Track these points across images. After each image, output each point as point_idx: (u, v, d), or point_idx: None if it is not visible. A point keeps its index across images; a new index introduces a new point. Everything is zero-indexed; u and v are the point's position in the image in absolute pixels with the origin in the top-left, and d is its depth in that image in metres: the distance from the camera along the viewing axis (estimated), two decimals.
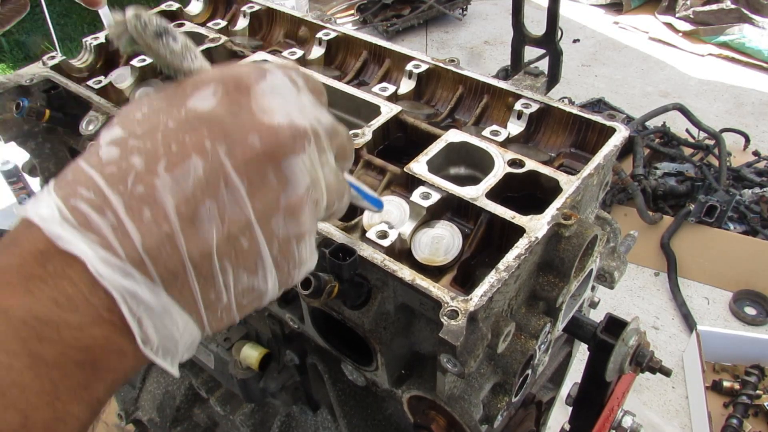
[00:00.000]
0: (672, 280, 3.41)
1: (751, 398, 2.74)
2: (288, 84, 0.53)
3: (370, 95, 1.04)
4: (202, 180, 0.45)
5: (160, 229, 0.44)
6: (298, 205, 0.50)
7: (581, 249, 0.78)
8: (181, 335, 0.47)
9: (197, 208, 0.45)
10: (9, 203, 4.16)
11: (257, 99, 0.49)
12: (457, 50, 5.72)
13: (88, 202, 0.43)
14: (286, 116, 0.50)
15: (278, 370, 1.14)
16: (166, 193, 0.44)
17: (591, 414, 1.16)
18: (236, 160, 0.47)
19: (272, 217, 0.49)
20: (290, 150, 0.49)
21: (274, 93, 0.51)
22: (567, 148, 1.01)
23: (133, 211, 0.44)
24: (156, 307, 0.45)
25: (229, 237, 0.47)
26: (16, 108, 1.05)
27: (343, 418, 1.08)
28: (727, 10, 5.32)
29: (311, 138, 0.51)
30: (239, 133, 0.47)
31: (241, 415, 1.35)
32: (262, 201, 0.48)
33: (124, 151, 0.45)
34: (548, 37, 1.29)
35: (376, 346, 0.80)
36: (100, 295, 0.43)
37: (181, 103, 0.48)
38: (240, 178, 0.47)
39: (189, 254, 0.45)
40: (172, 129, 0.46)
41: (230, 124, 0.47)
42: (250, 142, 0.47)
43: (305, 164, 0.50)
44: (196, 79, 0.50)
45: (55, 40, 4.79)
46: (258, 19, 1.35)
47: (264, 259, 0.49)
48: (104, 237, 0.43)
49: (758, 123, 4.61)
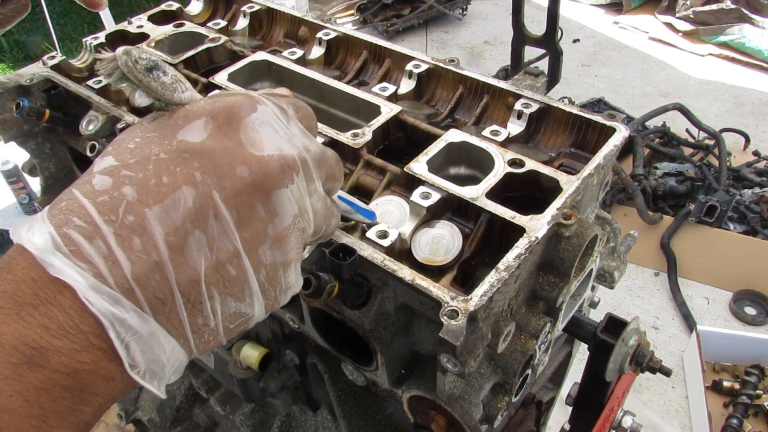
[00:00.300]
0: (672, 280, 3.42)
1: (751, 398, 2.74)
2: (278, 114, 0.54)
3: (370, 95, 1.04)
4: (192, 211, 0.47)
5: (150, 257, 0.45)
6: (285, 235, 0.52)
7: (581, 249, 0.78)
8: (168, 359, 0.48)
9: (186, 238, 0.46)
10: (9, 203, 4.16)
11: (247, 131, 0.51)
12: (457, 50, 5.72)
13: (79, 231, 0.45)
14: (275, 148, 0.51)
15: (278, 370, 1.14)
16: (156, 223, 0.46)
17: (591, 414, 1.16)
18: (225, 192, 0.48)
19: (259, 246, 0.51)
20: (279, 182, 0.51)
21: (264, 125, 0.52)
22: (567, 148, 1.01)
23: (124, 240, 0.45)
24: (144, 333, 0.46)
25: (217, 265, 0.48)
26: (16, 108, 1.05)
27: (343, 418, 1.08)
28: (727, 10, 5.33)
29: (300, 168, 0.53)
30: (229, 166, 0.49)
31: (241, 415, 1.35)
32: (249, 231, 0.50)
33: (116, 181, 0.47)
34: (548, 37, 1.28)
35: (376, 346, 0.80)
36: (90, 322, 0.44)
37: (173, 134, 0.49)
38: (229, 210, 0.48)
39: (177, 282, 0.47)
40: (163, 160, 0.48)
41: (220, 157, 0.49)
42: (239, 175, 0.49)
43: (293, 195, 0.52)
44: (187, 111, 0.51)
45: (55, 40, 4.79)
46: (258, 19, 1.35)
47: (251, 286, 0.51)
48: (95, 265, 0.44)
49: (758, 123, 4.62)
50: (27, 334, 0.42)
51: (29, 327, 0.43)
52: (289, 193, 0.52)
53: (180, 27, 1.27)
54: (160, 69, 0.50)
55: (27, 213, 4.07)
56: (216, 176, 0.48)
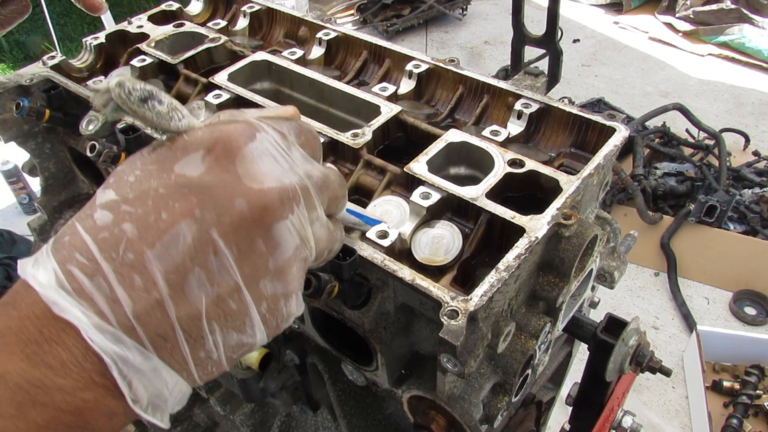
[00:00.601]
0: (672, 280, 3.42)
1: (751, 398, 2.74)
2: (278, 141, 0.53)
3: (370, 95, 1.04)
4: (191, 248, 0.47)
5: (150, 295, 0.45)
6: (286, 267, 0.52)
7: (581, 249, 0.78)
8: (171, 392, 0.49)
9: (186, 275, 0.46)
10: (9, 203, 4.17)
11: (245, 164, 0.50)
12: (457, 50, 5.72)
13: (81, 268, 0.45)
14: (275, 180, 0.50)
15: (278, 370, 1.14)
16: (156, 261, 0.46)
17: (591, 414, 1.16)
18: (225, 228, 0.48)
19: (261, 280, 0.50)
20: (279, 216, 0.50)
21: (263, 154, 0.51)
22: (567, 148, 1.01)
23: (124, 278, 0.45)
24: (146, 370, 0.46)
25: (218, 300, 0.48)
26: (16, 108, 1.05)
27: (343, 418, 1.08)
28: (727, 10, 5.33)
29: (300, 198, 0.52)
30: (228, 201, 0.48)
31: (241, 415, 1.35)
32: (250, 266, 0.49)
33: (116, 217, 0.47)
34: (548, 37, 1.28)
35: (376, 346, 0.80)
36: (93, 360, 0.45)
37: (171, 167, 0.49)
38: (228, 246, 0.48)
39: (179, 319, 0.47)
40: (162, 195, 0.47)
41: (219, 192, 0.48)
42: (238, 210, 0.48)
43: (294, 226, 0.52)
44: (185, 142, 0.50)
45: (55, 40, 4.79)
46: (258, 19, 1.35)
47: (252, 319, 0.51)
48: (96, 304, 0.45)
49: (758, 123, 4.62)
50: (31, 373, 0.43)
51: (33, 365, 0.43)
52: (290, 225, 0.51)
53: (180, 27, 1.26)
54: (155, 98, 0.49)
55: (27, 213, 4.07)
56: (215, 212, 0.48)
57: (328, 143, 0.95)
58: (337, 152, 0.97)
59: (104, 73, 1.21)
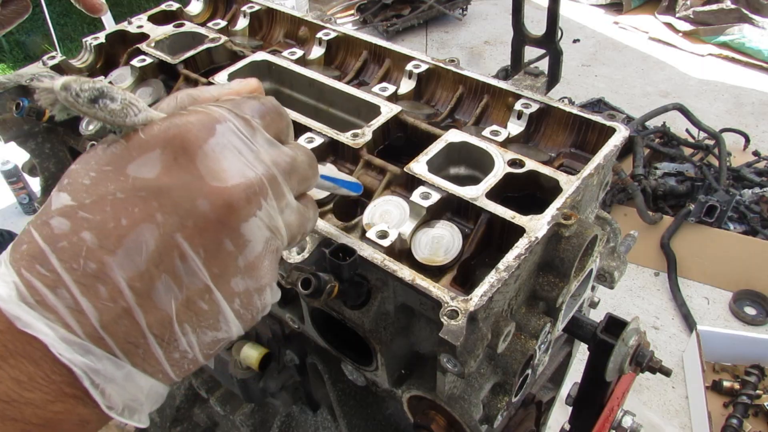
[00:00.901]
0: (672, 280, 3.42)
1: (751, 398, 2.74)
2: (241, 130, 0.51)
3: (370, 95, 1.04)
4: (155, 254, 0.45)
5: (117, 304, 0.44)
6: (257, 263, 0.50)
7: (581, 249, 0.78)
8: (147, 395, 0.48)
9: (153, 282, 0.45)
10: (9, 203, 4.17)
11: (206, 161, 0.47)
12: (457, 50, 5.72)
13: (42, 280, 0.43)
14: (239, 175, 0.48)
15: (278, 370, 1.14)
16: (119, 270, 0.44)
17: (591, 414, 1.16)
18: (188, 231, 0.46)
19: (231, 278, 0.49)
20: (245, 213, 0.48)
21: (225, 148, 0.49)
22: (567, 148, 1.01)
23: (88, 289, 0.43)
24: (119, 378, 0.45)
25: (188, 303, 0.47)
26: (16, 108, 1.05)
27: (343, 418, 1.08)
28: (727, 10, 5.33)
29: (268, 189, 0.50)
30: (189, 203, 0.46)
31: (241, 415, 1.35)
32: (219, 267, 0.48)
33: (74, 224, 0.45)
34: (548, 37, 1.28)
35: (376, 346, 0.80)
36: (62, 372, 0.43)
37: (128, 168, 0.47)
38: (195, 250, 0.46)
39: (149, 325, 0.45)
40: (120, 200, 0.45)
41: (179, 194, 0.46)
42: (202, 212, 0.46)
43: (263, 221, 0.50)
44: (141, 141, 0.48)
45: (55, 40, 4.79)
46: (258, 19, 1.35)
47: (226, 316, 0.50)
48: (61, 316, 0.43)
49: (758, 123, 4.62)
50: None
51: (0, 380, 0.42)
52: (258, 221, 0.49)
53: (180, 27, 1.27)
54: (106, 96, 0.47)
55: (27, 213, 4.08)
56: (177, 215, 0.45)
57: (328, 143, 0.95)
58: (337, 152, 0.97)
59: (104, 73, 1.21)
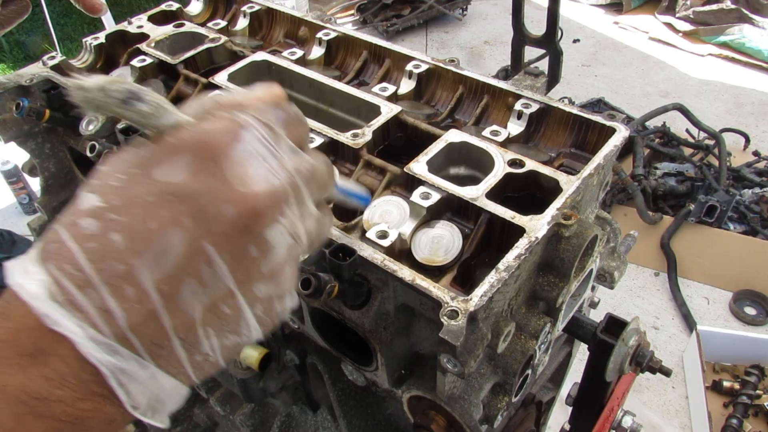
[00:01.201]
0: (672, 280, 3.41)
1: (751, 398, 2.74)
2: (265, 137, 0.52)
3: (370, 95, 1.04)
4: (182, 258, 0.46)
5: (144, 306, 0.45)
6: (280, 269, 0.51)
7: (581, 249, 0.78)
8: (169, 395, 0.49)
9: (179, 285, 0.46)
10: (9, 203, 4.17)
11: (232, 167, 0.48)
12: (457, 50, 5.72)
13: (71, 280, 0.44)
14: (264, 182, 0.49)
15: (278, 370, 1.14)
16: (147, 272, 0.45)
17: (591, 414, 1.16)
18: (216, 237, 0.47)
19: (255, 284, 0.50)
20: (270, 219, 0.49)
21: (250, 155, 0.50)
22: (567, 148, 1.01)
23: (115, 290, 0.44)
24: (144, 378, 0.46)
25: (212, 307, 0.48)
26: (16, 108, 1.05)
27: (343, 418, 1.08)
28: (727, 10, 5.33)
29: (291, 197, 0.51)
30: (216, 209, 0.47)
31: (241, 415, 1.35)
32: (244, 272, 0.49)
33: (103, 225, 0.45)
34: (548, 37, 1.28)
35: (376, 346, 0.80)
36: (90, 371, 0.44)
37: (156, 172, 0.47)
38: (221, 255, 0.47)
39: (173, 327, 0.46)
40: (148, 203, 0.46)
41: (206, 199, 0.47)
42: (228, 217, 0.47)
43: (286, 228, 0.51)
44: (169, 144, 0.49)
45: (55, 40, 4.79)
46: (258, 19, 1.35)
47: (248, 321, 0.51)
48: (89, 315, 0.44)
49: (758, 123, 4.61)
50: (29, 385, 0.43)
51: (31, 377, 0.43)
52: (281, 227, 0.50)
53: (180, 27, 1.27)
54: (138, 97, 0.48)
55: (27, 213, 4.07)
56: (204, 220, 0.47)
57: (328, 143, 0.95)
58: (337, 152, 0.97)
59: (104, 73, 1.21)
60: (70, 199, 0.48)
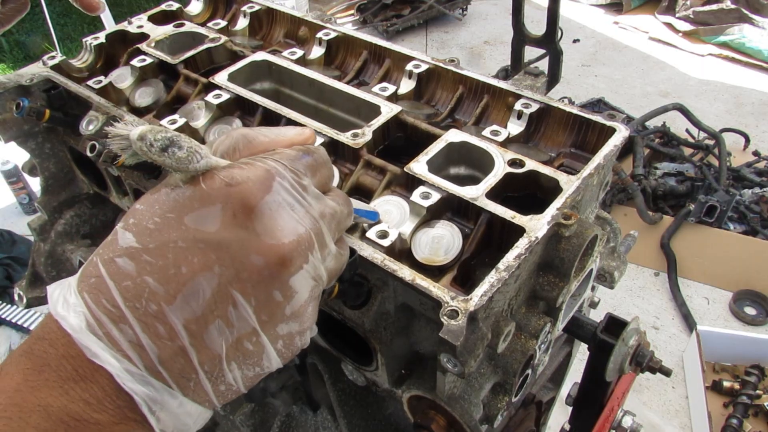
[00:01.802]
0: (672, 280, 3.42)
1: (751, 398, 2.74)
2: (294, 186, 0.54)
3: (370, 95, 1.04)
4: (211, 302, 0.49)
5: (174, 343, 0.49)
6: (302, 310, 0.55)
7: (581, 249, 0.78)
8: (194, 420, 0.53)
9: (207, 325, 0.50)
10: (9, 203, 4.17)
11: (262, 219, 0.51)
12: (457, 50, 5.72)
13: (108, 315, 0.49)
14: (292, 233, 0.52)
15: (278, 370, 1.14)
16: (177, 312, 0.49)
17: (591, 414, 1.16)
18: (243, 284, 0.50)
19: (278, 324, 0.53)
20: (295, 268, 0.52)
21: (279, 206, 0.53)
22: (567, 148, 1.01)
23: (148, 327, 0.49)
24: (173, 406, 0.50)
25: (237, 345, 0.52)
26: (16, 108, 1.05)
27: (343, 418, 1.08)
28: (727, 10, 5.33)
29: (315, 243, 0.54)
30: (245, 258, 0.50)
31: (241, 415, 1.35)
32: (268, 314, 0.52)
33: (138, 266, 0.49)
34: (548, 37, 1.28)
35: (376, 346, 0.80)
36: (125, 398, 0.49)
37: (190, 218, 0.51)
38: (246, 300, 0.51)
39: (200, 363, 0.50)
40: (181, 249, 0.50)
41: (236, 249, 0.50)
42: (256, 266, 0.50)
43: (309, 273, 0.54)
44: (203, 193, 0.51)
45: (55, 40, 4.79)
46: (258, 19, 1.35)
47: (269, 355, 0.55)
48: (123, 349, 0.48)
49: (758, 123, 4.62)
50: (71, 407, 0.47)
51: (72, 400, 0.47)
52: (305, 272, 0.53)
53: (180, 27, 1.27)
54: (176, 145, 0.50)
55: (27, 213, 4.07)
56: (233, 268, 0.50)
57: (328, 143, 0.95)
58: (337, 152, 0.97)
59: (104, 73, 1.21)
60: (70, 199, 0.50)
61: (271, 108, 1.01)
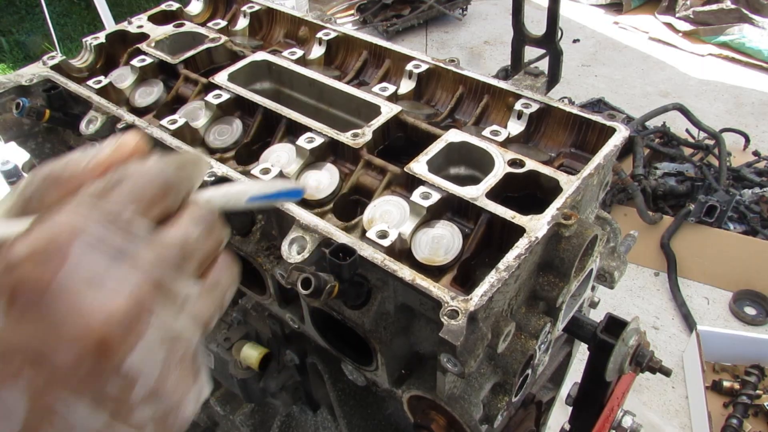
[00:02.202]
0: (672, 280, 3.41)
1: (751, 398, 2.74)
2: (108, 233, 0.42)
3: (370, 95, 1.04)
4: (31, 414, 0.39)
5: None
6: (159, 387, 0.43)
7: (581, 249, 0.78)
8: None
9: None
10: None
11: (60, 301, 0.39)
12: (457, 50, 5.72)
13: None
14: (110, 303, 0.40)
15: (278, 370, 1.14)
16: None
17: (591, 414, 1.16)
18: (63, 385, 0.39)
19: (132, 413, 0.42)
20: (127, 346, 0.40)
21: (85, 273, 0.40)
22: (567, 148, 1.01)
23: None
24: None
25: None
26: (16, 108, 1.05)
27: (343, 418, 1.08)
28: (727, 10, 5.33)
29: (154, 299, 0.42)
30: (53, 354, 0.39)
31: (241, 415, 1.35)
32: (112, 408, 0.41)
33: None
34: (548, 37, 1.29)
35: (376, 346, 0.80)
36: None
37: None
38: (75, 402, 0.40)
39: None
40: None
41: (39, 344, 0.39)
42: (69, 362, 0.39)
43: (152, 345, 0.42)
44: None
45: (55, 40, 4.79)
46: (258, 19, 1.35)
47: None
48: None
49: (758, 123, 4.61)
50: None
51: None
52: (150, 342, 0.41)
53: (180, 27, 1.27)
54: None
55: None
56: (44, 366, 0.39)
57: (328, 143, 0.95)
58: (337, 152, 0.97)
59: (104, 73, 1.21)
60: None
61: (271, 108, 1.01)
